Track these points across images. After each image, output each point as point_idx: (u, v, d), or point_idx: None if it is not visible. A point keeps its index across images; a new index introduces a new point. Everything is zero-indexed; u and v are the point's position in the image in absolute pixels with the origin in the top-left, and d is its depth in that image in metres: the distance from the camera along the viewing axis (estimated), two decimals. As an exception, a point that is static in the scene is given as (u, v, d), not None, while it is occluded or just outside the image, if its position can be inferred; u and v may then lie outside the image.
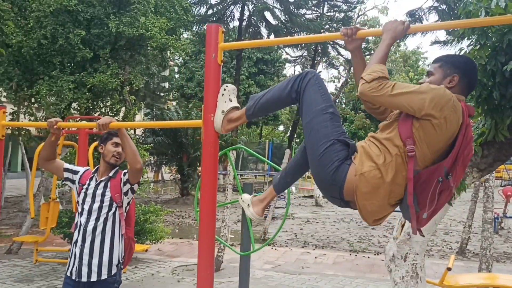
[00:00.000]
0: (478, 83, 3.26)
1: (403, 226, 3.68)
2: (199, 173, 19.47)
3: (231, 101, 2.45)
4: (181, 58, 34.12)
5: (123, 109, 10.74)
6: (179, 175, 19.89)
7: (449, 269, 4.60)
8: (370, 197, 2.01)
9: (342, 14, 25.62)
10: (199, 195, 2.73)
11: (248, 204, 2.56)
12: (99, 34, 9.60)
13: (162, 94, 30.54)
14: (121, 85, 10.20)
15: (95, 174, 3.25)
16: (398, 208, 2.13)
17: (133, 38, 9.79)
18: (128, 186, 3.18)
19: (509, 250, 10.01)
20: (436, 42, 14.85)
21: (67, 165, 3.33)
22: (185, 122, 3.33)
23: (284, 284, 6.75)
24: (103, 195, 3.13)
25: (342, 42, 24.18)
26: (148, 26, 9.76)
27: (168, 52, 13.21)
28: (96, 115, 9.81)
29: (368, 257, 8.72)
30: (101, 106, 10.25)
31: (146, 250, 7.65)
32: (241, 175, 26.96)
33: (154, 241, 7.81)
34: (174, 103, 31.62)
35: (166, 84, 32.78)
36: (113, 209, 3.13)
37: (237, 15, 21.69)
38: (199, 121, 2.77)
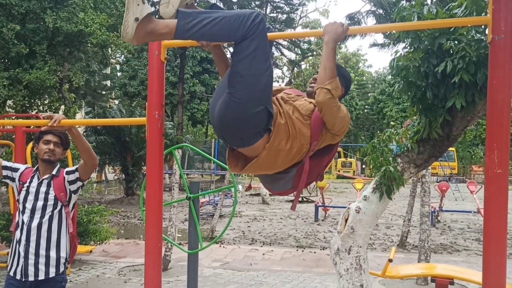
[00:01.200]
0: (413, 84, 3.44)
1: (346, 220, 3.80)
2: (144, 173, 19.14)
3: (143, 3, 1.96)
4: (123, 56, 33.32)
5: (63, 107, 10.37)
6: (123, 175, 19.43)
7: (390, 260, 4.81)
8: (263, 166, 2.30)
9: (285, 16, 25.97)
10: (145, 195, 2.72)
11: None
12: (35, 29, 9.21)
13: (104, 93, 29.67)
14: (60, 82, 9.85)
15: (37, 173, 3.16)
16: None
17: (71, 34, 9.47)
18: (79, 183, 3.16)
19: (445, 242, 10.57)
20: (374, 44, 15.43)
21: (5, 163, 3.23)
22: (130, 119, 3.27)
23: (233, 281, 6.78)
24: (46, 193, 3.06)
25: (285, 43, 24.55)
26: (87, 22, 9.47)
27: (109, 49, 12.88)
28: (33, 113, 9.41)
29: (315, 252, 8.93)
30: (39, 104, 9.85)
31: (91, 251, 7.46)
32: (187, 174, 26.72)
33: (98, 242, 7.61)
34: (116, 101, 30.84)
35: (108, 82, 31.89)
36: (58, 207, 3.07)
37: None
38: (143, 119, 2.75)
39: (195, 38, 2.11)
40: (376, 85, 49.42)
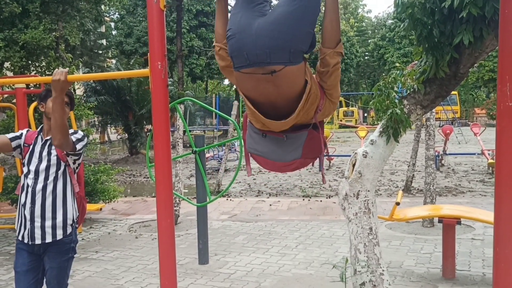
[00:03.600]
0: (419, 22, 3.33)
1: (354, 165, 3.79)
2: (147, 132, 19.16)
3: None
4: (117, 13, 32.60)
5: (60, 67, 10.22)
6: (126, 135, 19.46)
7: (397, 203, 4.84)
8: (292, 86, 2.19)
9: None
10: (150, 153, 2.68)
11: None
12: (27, -13, 8.96)
13: (100, 52, 29.26)
14: (56, 41, 9.66)
15: (40, 134, 3.10)
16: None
17: (64, -10, 9.21)
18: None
19: (450, 185, 10.66)
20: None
21: (10, 135, 3.10)
22: (133, 72, 3.19)
23: (242, 232, 6.90)
24: (49, 154, 3.00)
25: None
26: (80, -23, 9.19)
27: (103, 5, 12.55)
28: (32, 74, 9.29)
29: (321, 201, 9.03)
30: (36, 65, 9.71)
31: (101, 209, 7.56)
32: (190, 130, 26.72)
33: (107, 201, 7.70)
34: (114, 61, 30.45)
35: (104, 41, 31.39)
36: (62, 168, 3.01)
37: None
38: (146, 70, 2.68)
39: None
40: (376, 30, 48.52)
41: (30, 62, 9.49)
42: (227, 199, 9.35)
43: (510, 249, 2.16)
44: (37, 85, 7.76)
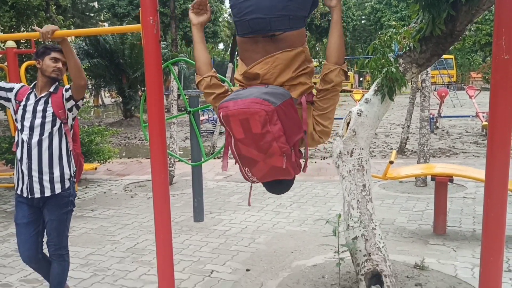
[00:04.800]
0: (417, -22, 3.27)
1: (348, 124, 3.81)
2: (141, 95, 19.02)
3: None
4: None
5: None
6: (120, 98, 19.34)
7: (391, 162, 4.89)
8: (285, 62, 2.25)
9: None
10: (145, 116, 2.67)
11: None
12: None
13: (92, 15, 28.66)
14: (46, 1, 9.44)
15: (34, 90, 3.09)
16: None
17: None
18: (72, 102, 3.07)
19: (443, 146, 10.75)
20: None
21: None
22: (124, 27, 3.13)
23: (237, 191, 6.97)
24: (44, 111, 3.00)
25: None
26: None
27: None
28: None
29: (315, 162, 9.10)
30: (27, 25, 9.50)
31: (95, 168, 7.62)
32: (184, 94, 26.51)
33: (102, 161, 7.73)
34: (106, 24, 29.88)
35: (96, 4, 30.68)
36: (58, 125, 3.02)
37: None
38: (138, 26, 2.66)
39: None
40: (373, -7, 47.61)
41: (20, 22, 9.28)
42: (222, 160, 9.39)
43: (499, 200, 2.21)
44: (28, 45, 7.63)
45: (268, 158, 2.11)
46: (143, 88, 18.87)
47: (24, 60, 7.04)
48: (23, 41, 8.18)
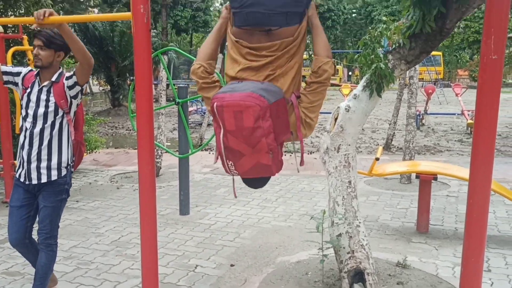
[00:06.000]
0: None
1: (336, 119, 3.81)
2: (129, 84, 18.85)
3: None
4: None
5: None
6: (108, 86, 19.14)
7: (377, 159, 4.91)
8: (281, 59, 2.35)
9: None
10: (133, 106, 2.63)
11: None
12: None
13: (82, 0, 28.26)
14: (35, -15, 9.25)
15: (37, 78, 3.08)
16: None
17: None
18: (77, 88, 3.05)
19: (429, 144, 10.84)
20: None
21: (4, 68, 3.13)
22: (115, 14, 3.05)
23: (223, 184, 6.96)
24: (47, 100, 3.01)
25: None
26: None
27: None
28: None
29: (302, 156, 9.09)
30: (15, 9, 9.32)
31: (81, 159, 7.50)
32: (173, 84, 26.31)
33: (88, 151, 7.65)
34: (96, 10, 29.49)
35: (85, -11, 30.23)
36: (60, 114, 3.03)
37: None
38: (128, 14, 2.61)
39: None
40: (364, -12, 47.64)
41: (8, 6, 9.10)
42: (209, 153, 9.37)
43: (482, 200, 2.23)
44: (16, 30, 7.50)
45: (255, 153, 2.15)
46: (132, 78, 18.71)
47: (12, 45, 6.91)
48: (11, 26, 8.02)
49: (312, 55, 2.49)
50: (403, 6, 3.71)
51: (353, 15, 46.19)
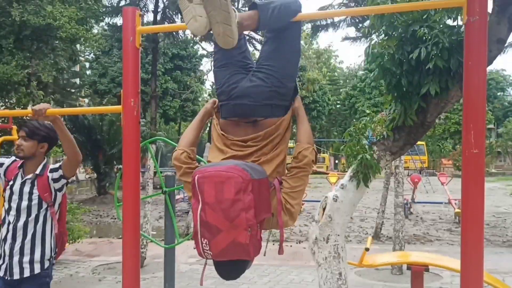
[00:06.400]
0: (388, 71, 3.46)
1: (324, 209, 3.81)
2: (116, 172, 18.84)
3: (234, 11, 2.21)
4: (92, 53, 32.64)
5: (31, 104, 10.10)
6: (95, 174, 19.09)
7: (367, 249, 4.83)
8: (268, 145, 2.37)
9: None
10: (119, 193, 2.63)
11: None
12: (1, 23, 8.93)
13: (73, 91, 29.03)
14: (28, 78, 9.58)
15: (21, 170, 3.04)
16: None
17: (39, 28, 9.20)
18: (63, 181, 3.04)
19: (418, 232, 10.77)
20: (346, 38, 15.48)
21: None
22: (105, 108, 3.19)
23: (210, 276, 6.67)
24: (30, 193, 2.97)
25: (258, 37, 24.58)
26: (55, 15, 9.20)
27: (79, 45, 12.60)
28: (1, 109, 9.12)
29: (291, 246, 8.95)
30: (6, 100, 9.57)
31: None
32: (161, 172, 26.37)
33: (71, 241, 7.44)
34: (86, 100, 30.23)
35: (78, 80, 31.19)
36: (44, 207, 2.99)
37: (151, 7, 21.11)
38: (118, 107, 2.67)
39: (273, 25, 2.34)
40: (348, 80, 49.97)
41: (0, 97, 9.36)
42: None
43: (476, 295, 2.18)
44: (5, 120, 7.61)
45: (233, 228, 2.02)
46: (119, 166, 18.74)
47: (0, 134, 6.98)
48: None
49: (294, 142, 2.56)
50: (385, 100, 3.88)
51: (338, 106, 47.90)
